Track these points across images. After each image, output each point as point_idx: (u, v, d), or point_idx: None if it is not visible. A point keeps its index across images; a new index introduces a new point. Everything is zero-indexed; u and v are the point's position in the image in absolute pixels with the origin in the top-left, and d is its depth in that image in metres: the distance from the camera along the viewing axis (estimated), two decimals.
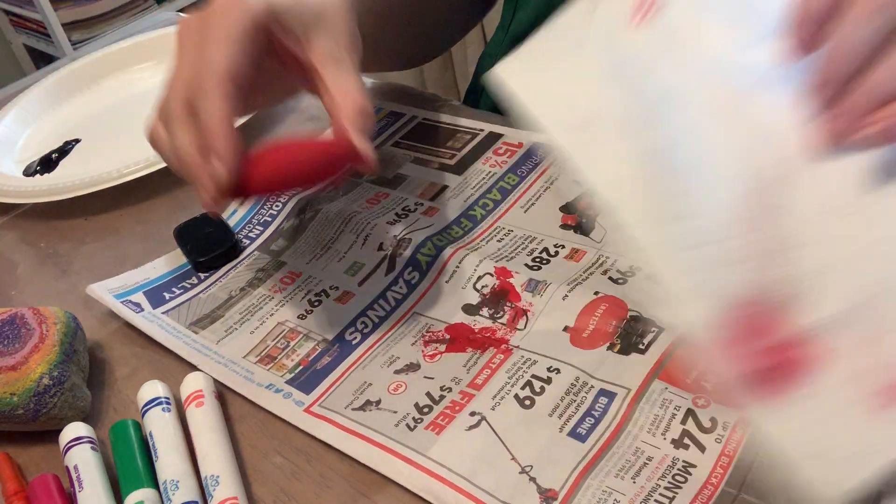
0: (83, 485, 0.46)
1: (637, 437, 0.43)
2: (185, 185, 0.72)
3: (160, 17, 1.04)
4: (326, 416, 0.48)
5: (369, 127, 0.49)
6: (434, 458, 0.44)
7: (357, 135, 0.48)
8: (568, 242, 0.55)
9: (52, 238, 0.70)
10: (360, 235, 0.60)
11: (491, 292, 0.53)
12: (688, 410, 0.43)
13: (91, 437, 0.49)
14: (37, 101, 0.88)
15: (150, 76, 0.91)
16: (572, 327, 0.49)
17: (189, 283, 0.61)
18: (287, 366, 0.52)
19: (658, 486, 0.41)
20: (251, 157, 0.46)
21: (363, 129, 0.48)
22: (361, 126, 0.48)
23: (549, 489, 0.42)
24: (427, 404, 0.47)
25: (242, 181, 0.46)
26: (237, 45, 0.46)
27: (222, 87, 0.45)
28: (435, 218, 0.60)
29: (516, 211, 0.59)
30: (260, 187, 0.47)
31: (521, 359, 0.49)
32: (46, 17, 2.11)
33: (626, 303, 0.49)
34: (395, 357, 0.51)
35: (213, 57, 0.45)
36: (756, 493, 0.39)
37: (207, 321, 0.57)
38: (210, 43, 0.46)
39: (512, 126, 0.67)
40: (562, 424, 0.45)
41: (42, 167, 0.78)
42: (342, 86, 0.49)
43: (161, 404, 0.50)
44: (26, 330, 0.52)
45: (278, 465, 0.47)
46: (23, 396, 0.50)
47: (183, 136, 0.46)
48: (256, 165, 0.46)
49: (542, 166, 0.62)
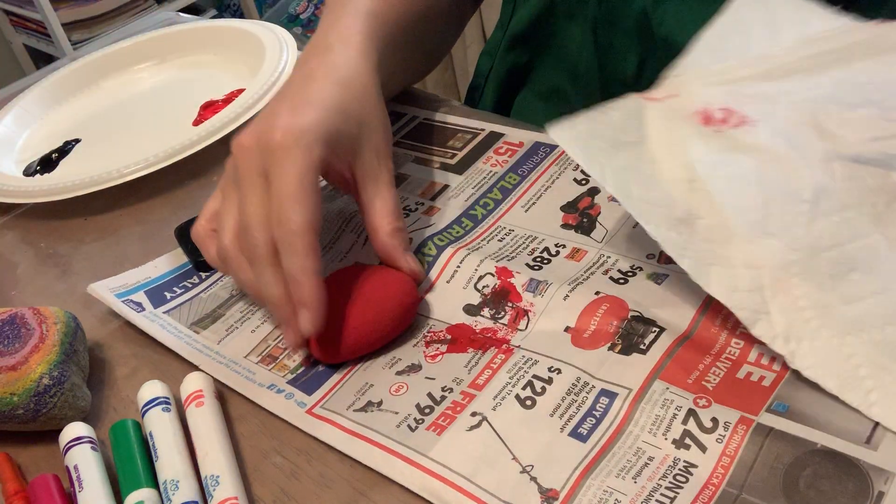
0: (83, 485, 0.46)
1: (638, 437, 0.43)
2: (185, 184, 0.72)
3: (160, 17, 1.04)
4: (328, 418, 0.48)
5: (405, 242, 0.55)
6: (435, 458, 0.44)
7: (401, 258, 0.54)
8: (569, 242, 0.55)
9: (52, 238, 0.70)
10: (361, 235, 0.60)
11: (492, 292, 0.53)
12: (689, 410, 0.43)
13: (91, 437, 0.49)
14: (37, 101, 0.88)
15: (149, 76, 0.91)
16: (573, 327, 0.49)
17: (190, 283, 0.61)
18: (289, 366, 0.52)
19: (659, 487, 0.41)
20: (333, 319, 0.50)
21: (400, 247, 0.54)
22: (398, 244, 0.54)
23: (550, 489, 0.42)
24: (428, 405, 0.47)
25: (327, 348, 0.51)
26: (312, 199, 0.50)
27: (308, 244, 0.49)
28: (436, 217, 0.60)
29: (517, 210, 0.59)
30: (346, 356, 0.51)
31: (522, 359, 0.49)
32: (46, 17, 2.11)
33: (627, 303, 0.49)
34: (396, 358, 0.51)
35: (295, 216, 0.49)
36: (758, 493, 0.39)
37: (209, 321, 0.57)
38: (285, 198, 0.49)
39: (512, 125, 0.67)
40: (563, 424, 0.44)
41: (42, 167, 0.78)
42: (378, 206, 0.54)
43: (161, 404, 0.50)
44: (26, 330, 0.52)
45: (278, 465, 0.47)
46: (23, 396, 0.50)
47: (273, 284, 0.50)
48: (340, 332, 0.50)
49: (543, 166, 0.62)
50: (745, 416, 0.42)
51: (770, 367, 0.44)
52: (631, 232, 0.55)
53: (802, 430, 0.41)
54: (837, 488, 0.38)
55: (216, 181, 0.72)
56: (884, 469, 0.38)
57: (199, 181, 0.72)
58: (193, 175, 0.73)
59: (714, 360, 0.45)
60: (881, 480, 0.38)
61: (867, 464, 0.39)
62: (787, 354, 0.43)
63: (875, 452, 0.39)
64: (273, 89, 0.76)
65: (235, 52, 0.87)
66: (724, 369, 0.45)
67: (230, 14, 2.51)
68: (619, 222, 0.56)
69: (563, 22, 0.74)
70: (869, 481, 0.38)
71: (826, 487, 0.39)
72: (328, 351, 0.51)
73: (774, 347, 0.43)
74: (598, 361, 0.47)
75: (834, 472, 0.39)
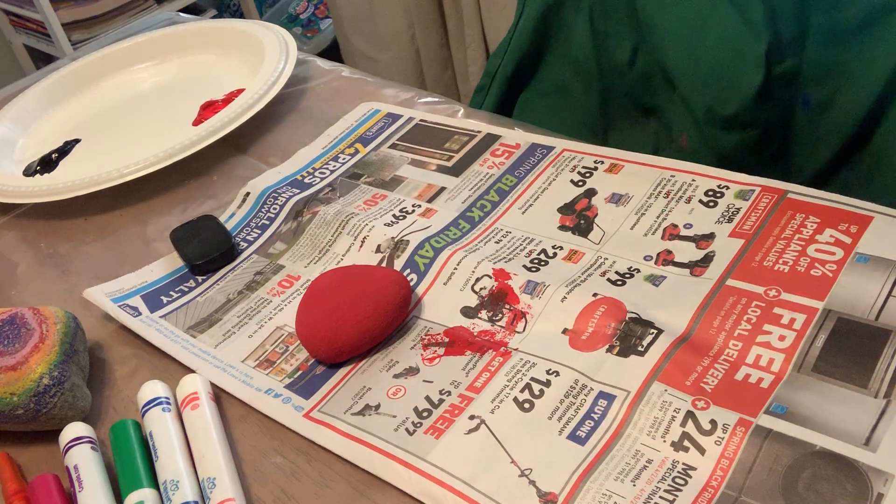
0: (83, 485, 0.46)
1: (637, 439, 0.43)
2: (185, 184, 0.72)
3: (160, 17, 1.04)
4: (326, 422, 0.48)
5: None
6: (434, 462, 0.44)
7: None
8: (566, 244, 0.55)
9: (52, 238, 0.70)
10: (358, 238, 0.60)
11: (489, 294, 0.53)
12: (687, 413, 0.43)
13: (91, 437, 0.49)
14: (37, 101, 0.88)
15: (149, 76, 0.91)
16: (571, 329, 0.49)
17: (186, 287, 0.61)
18: (286, 370, 0.52)
19: (658, 489, 0.41)
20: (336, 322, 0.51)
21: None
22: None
23: (549, 492, 0.42)
24: (426, 408, 0.47)
25: (329, 348, 0.51)
26: None
27: None
28: (433, 220, 0.60)
29: (514, 212, 0.59)
30: (349, 353, 0.52)
31: (520, 361, 0.49)
32: (46, 17, 2.11)
33: (625, 304, 0.49)
34: (394, 361, 0.51)
35: None
36: (757, 495, 0.39)
37: (205, 325, 0.57)
38: None
39: (509, 127, 0.67)
40: (561, 427, 0.45)
41: (42, 167, 0.78)
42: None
43: (161, 404, 0.50)
44: (26, 330, 0.52)
45: (278, 465, 0.47)
46: (23, 396, 0.50)
47: None
48: (341, 331, 0.51)
49: (540, 167, 0.62)
50: (744, 418, 0.42)
51: (768, 369, 0.44)
52: (628, 233, 0.55)
53: (801, 431, 0.41)
54: (836, 490, 0.38)
55: (216, 181, 0.72)
56: (883, 471, 0.38)
57: (199, 181, 0.73)
58: (193, 175, 0.73)
59: (712, 362, 0.45)
60: (880, 482, 0.38)
61: (866, 465, 0.39)
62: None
63: (874, 454, 0.39)
64: (273, 89, 0.77)
65: (235, 52, 0.87)
66: (722, 371, 0.45)
67: (230, 14, 2.51)
68: (617, 224, 0.56)
69: (570, 14, 0.74)
70: (868, 483, 0.38)
71: (825, 489, 0.39)
72: (331, 350, 0.51)
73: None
74: (597, 363, 0.47)
75: (833, 473, 0.39)
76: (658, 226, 0.55)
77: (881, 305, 0.46)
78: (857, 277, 0.47)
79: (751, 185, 0.55)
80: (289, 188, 0.67)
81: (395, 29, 1.60)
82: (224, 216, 0.66)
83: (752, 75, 0.62)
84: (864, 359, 0.43)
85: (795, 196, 0.53)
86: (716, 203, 0.55)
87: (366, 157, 0.69)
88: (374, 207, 0.62)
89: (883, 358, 0.43)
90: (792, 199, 0.53)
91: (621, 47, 0.70)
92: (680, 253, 0.53)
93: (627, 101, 0.74)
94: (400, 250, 0.57)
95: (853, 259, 0.48)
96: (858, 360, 0.43)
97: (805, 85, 0.62)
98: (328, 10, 1.92)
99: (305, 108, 0.78)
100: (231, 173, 0.72)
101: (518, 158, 0.64)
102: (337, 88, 0.81)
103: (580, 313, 0.50)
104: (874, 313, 0.45)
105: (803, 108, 0.63)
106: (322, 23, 2.45)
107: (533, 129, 0.67)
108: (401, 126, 0.71)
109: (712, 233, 0.53)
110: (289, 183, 0.68)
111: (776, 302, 0.47)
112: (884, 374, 0.43)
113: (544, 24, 0.76)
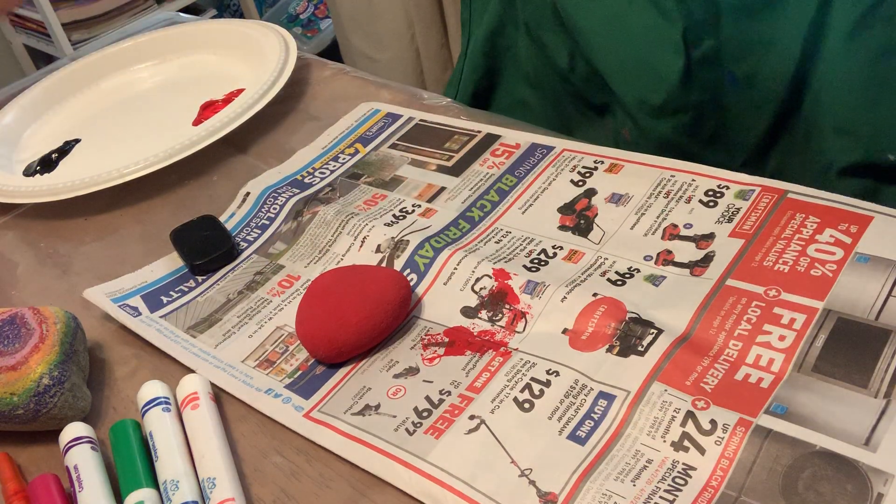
0: (83, 485, 0.46)
1: (637, 439, 0.43)
2: (185, 184, 0.72)
3: (160, 17, 1.04)
4: (326, 422, 0.48)
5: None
6: (434, 462, 0.44)
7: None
8: (566, 244, 0.55)
9: (52, 238, 0.70)
10: (358, 238, 0.60)
11: (489, 294, 0.53)
12: (687, 412, 0.43)
13: (91, 437, 0.49)
14: (37, 101, 0.88)
15: (149, 76, 0.91)
16: (571, 329, 0.49)
17: (186, 287, 0.61)
18: (286, 370, 0.52)
19: (658, 489, 0.41)
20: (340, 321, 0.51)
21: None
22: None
23: (549, 492, 0.42)
24: (426, 408, 0.47)
25: (330, 348, 0.51)
26: None
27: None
28: (432, 220, 0.60)
29: (514, 212, 0.59)
30: (350, 353, 0.52)
31: (520, 361, 0.49)
32: (46, 17, 2.11)
33: (625, 304, 0.49)
34: (394, 361, 0.51)
35: None
36: (757, 495, 0.39)
37: (205, 325, 0.57)
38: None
39: (508, 127, 0.67)
40: (561, 427, 0.45)
41: (42, 167, 0.78)
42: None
43: (161, 404, 0.50)
44: (26, 330, 0.52)
45: (278, 464, 0.47)
46: (23, 396, 0.50)
47: None
48: (342, 331, 0.51)
49: (540, 167, 0.62)
50: (744, 418, 0.42)
51: (768, 369, 0.44)
52: (628, 233, 0.55)
53: (801, 431, 0.41)
54: (837, 490, 0.38)
55: (216, 181, 0.72)
56: (883, 471, 0.38)
57: (199, 181, 0.73)
58: (193, 175, 0.73)
59: (712, 362, 0.45)
60: (880, 482, 0.38)
61: (866, 465, 0.39)
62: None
63: (874, 454, 0.39)
64: (273, 89, 0.77)
65: (235, 52, 0.87)
66: (722, 371, 0.45)
67: (230, 14, 2.51)
68: (617, 224, 0.56)
69: (512, 31, 0.75)
70: (868, 483, 0.38)
71: (825, 489, 0.39)
72: (331, 350, 0.51)
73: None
74: (597, 363, 0.47)
75: (833, 473, 0.39)
76: (658, 226, 0.55)
77: (881, 305, 0.46)
78: (857, 277, 0.47)
79: (751, 184, 0.55)
80: (289, 188, 0.67)
81: (395, 29, 1.60)
82: (224, 216, 0.66)
83: (672, 61, 0.63)
84: (864, 359, 0.43)
85: (795, 196, 0.53)
86: (716, 203, 0.55)
87: (366, 157, 0.69)
88: (374, 207, 0.62)
89: (883, 358, 0.43)
90: (792, 199, 0.53)
91: (560, 54, 0.71)
92: (680, 253, 0.53)
93: (580, 103, 0.75)
94: (400, 250, 0.57)
95: (853, 259, 0.48)
96: (858, 360, 0.43)
97: (727, 62, 0.63)
98: (328, 10, 1.92)
99: (305, 108, 0.78)
100: (231, 173, 0.72)
101: (518, 158, 0.64)
102: (337, 88, 0.81)
103: (580, 313, 0.50)
104: (874, 313, 0.45)
105: (731, 86, 0.64)
106: (322, 23, 2.46)
107: (533, 128, 0.67)
108: (401, 126, 0.71)
109: (712, 233, 0.53)
110: (289, 183, 0.68)
111: (776, 302, 0.47)
112: (884, 373, 0.43)
113: (492, 46, 0.78)
